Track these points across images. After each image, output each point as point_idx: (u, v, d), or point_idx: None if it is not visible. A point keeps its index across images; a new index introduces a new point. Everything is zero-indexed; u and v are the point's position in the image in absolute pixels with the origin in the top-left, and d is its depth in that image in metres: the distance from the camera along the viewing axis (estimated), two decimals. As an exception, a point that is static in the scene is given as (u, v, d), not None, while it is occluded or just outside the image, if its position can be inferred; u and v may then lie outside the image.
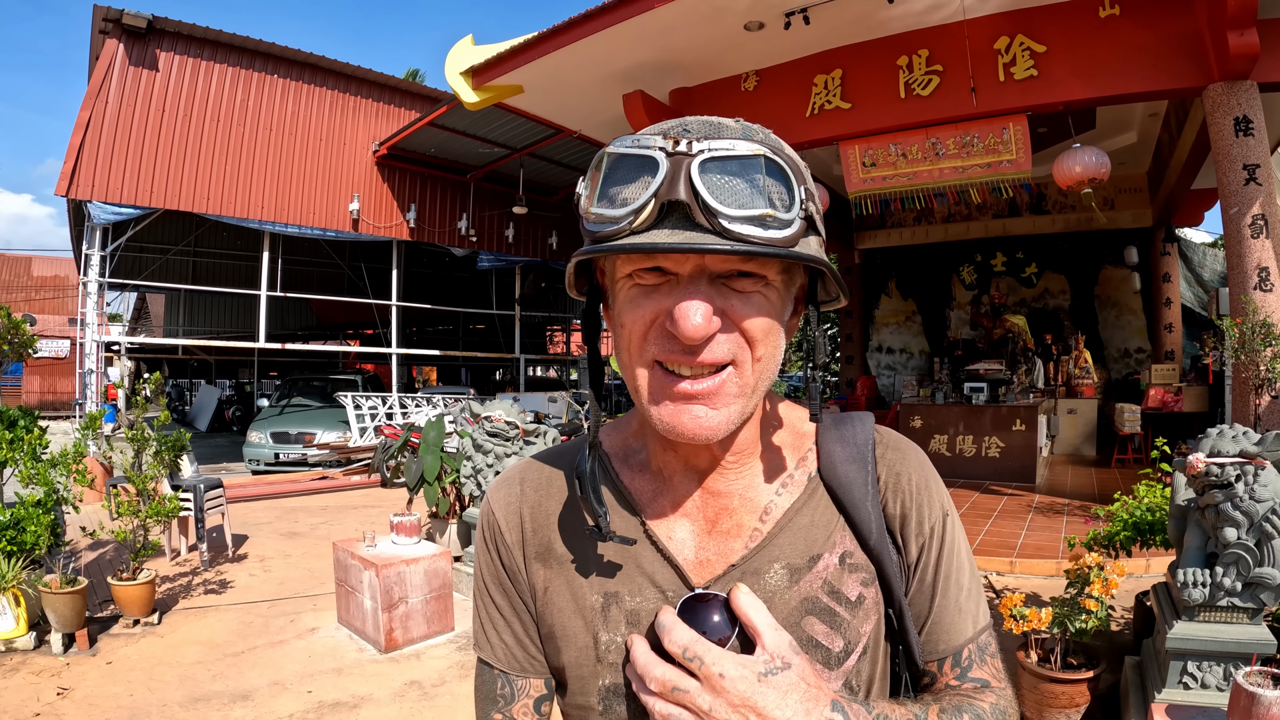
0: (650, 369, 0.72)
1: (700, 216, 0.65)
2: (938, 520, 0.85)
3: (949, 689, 0.83)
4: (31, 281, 31.92)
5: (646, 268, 0.70)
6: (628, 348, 0.74)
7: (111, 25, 12.08)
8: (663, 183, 0.65)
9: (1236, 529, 2.82)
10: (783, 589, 0.79)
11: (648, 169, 0.67)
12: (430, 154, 15.46)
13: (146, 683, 4.30)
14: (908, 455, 0.87)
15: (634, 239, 0.66)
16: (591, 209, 0.69)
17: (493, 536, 0.89)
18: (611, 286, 0.78)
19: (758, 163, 0.67)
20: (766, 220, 0.66)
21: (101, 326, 12.71)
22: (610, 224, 0.67)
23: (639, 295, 0.72)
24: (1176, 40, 6.56)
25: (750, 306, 0.71)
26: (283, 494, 10.58)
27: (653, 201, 0.66)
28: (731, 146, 0.66)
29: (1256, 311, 6.02)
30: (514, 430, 5.97)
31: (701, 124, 0.70)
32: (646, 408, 0.74)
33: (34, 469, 5.17)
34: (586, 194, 0.71)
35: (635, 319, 0.72)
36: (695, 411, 0.71)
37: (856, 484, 0.83)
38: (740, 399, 0.73)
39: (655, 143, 0.67)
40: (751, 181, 0.66)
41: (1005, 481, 9.18)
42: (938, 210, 13.81)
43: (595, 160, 0.71)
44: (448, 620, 5.16)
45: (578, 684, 0.83)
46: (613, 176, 0.69)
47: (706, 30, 7.75)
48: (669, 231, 0.66)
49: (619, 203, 0.67)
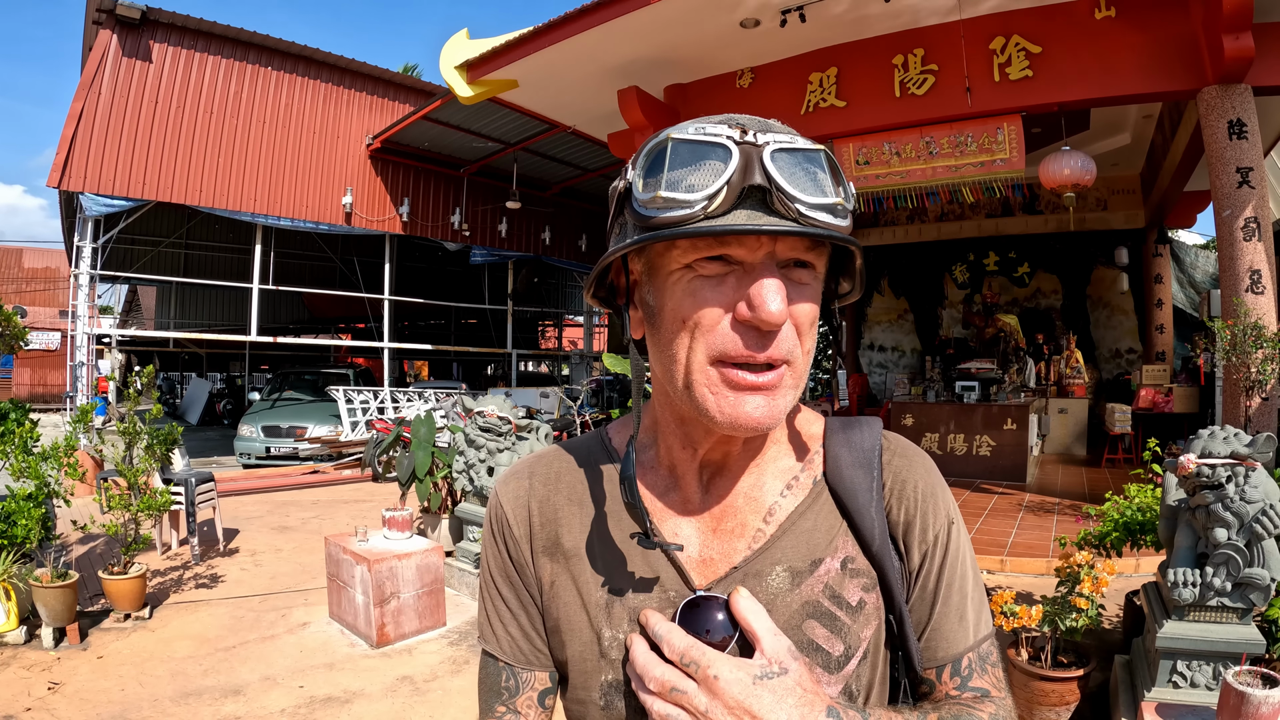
0: (713, 364, 0.71)
1: (777, 203, 0.66)
2: (942, 528, 0.84)
3: (949, 698, 0.82)
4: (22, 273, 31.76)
5: (709, 256, 0.70)
6: (688, 342, 0.72)
7: (105, 16, 11.99)
8: (737, 170, 0.66)
9: (1227, 530, 2.84)
10: (784, 591, 0.79)
11: (718, 155, 0.67)
12: (424, 148, 15.40)
13: (137, 677, 4.29)
14: (914, 462, 0.87)
15: (710, 223, 0.66)
16: (660, 192, 0.67)
17: (500, 529, 0.90)
18: (652, 281, 0.75)
19: (819, 156, 0.70)
20: (837, 209, 0.68)
21: (93, 319, 12.64)
22: (680, 208, 0.66)
23: (702, 286, 0.70)
24: (1171, 43, 6.58)
25: (805, 297, 0.72)
26: (274, 488, 10.55)
27: (727, 188, 0.66)
28: (794, 139, 0.69)
29: (1248, 314, 6.05)
30: (506, 425, 5.96)
31: (751, 120, 0.71)
32: (701, 403, 0.72)
33: (25, 462, 5.14)
34: (643, 180, 0.70)
35: (702, 311, 0.70)
36: (756, 401, 0.71)
37: (861, 489, 0.83)
38: (793, 389, 0.73)
39: (723, 131, 0.68)
40: (816, 173, 0.69)
41: (996, 480, 9.22)
42: (931, 209, 13.83)
43: (652, 147, 0.70)
44: (439, 615, 5.16)
45: (580, 678, 0.83)
46: (676, 162, 0.68)
47: (702, 27, 7.74)
48: (747, 214, 0.66)
49: (686, 188, 0.67)
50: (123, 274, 16.32)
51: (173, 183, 12.88)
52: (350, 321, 27.18)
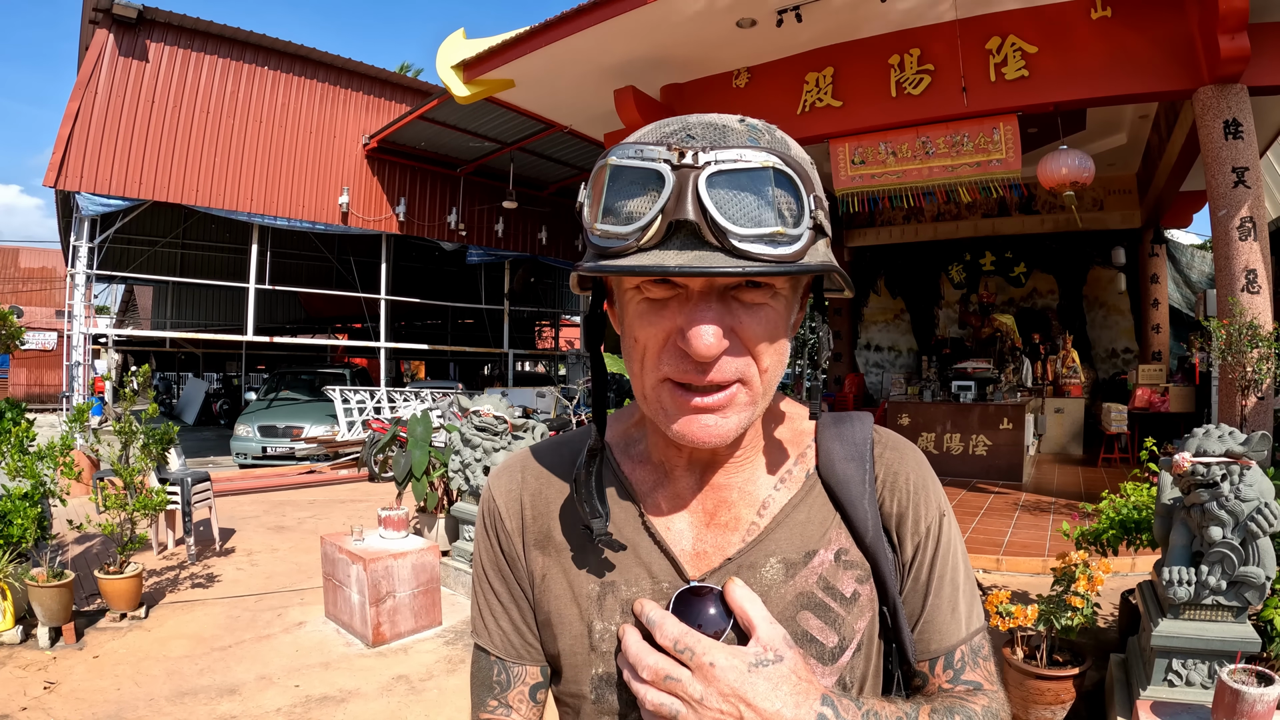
0: (661, 383, 0.73)
1: (709, 235, 0.63)
2: (934, 520, 0.85)
3: (942, 691, 0.83)
4: (19, 273, 31.63)
5: (655, 280, 0.70)
6: (640, 360, 0.74)
7: (101, 15, 11.98)
8: (670, 199, 0.63)
9: (1222, 528, 2.84)
10: (778, 583, 0.79)
11: (653, 183, 0.65)
12: (420, 147, 15.40)
13: (133, 677, 4.28)
14: (906, 455, 0.87)
15: (641, 257, 0.65)
16: (596, 224, 0.68)
17: (493, 523, 0.90)
18: (618, 291, 0.78)
19: (766, 175, 0.65)
20: (777, 238, 0.65)
21: (89, 319, 12.62)
22: (616, 240, 0.66)
23: (648, 310, 0.71)
24: (1167, 43, 6.59)
25: (758, 320, 0.71)
26: (270, 488, 10.53)
27: (660, 219, 0.64)
28: (739, 157, 0.64)
29: (1244, 313, 6.06)
30: (502, 425, 5.96)
31: (705, 128, 0.68)
32: (657, 417, 0.74)
33: (20, 462, 5.13)
34: (589, 205, 0.70)
35: (647, 335, 0.72)
36: (705, 420, 0.72)
37: (854, 481, 0.83)
38: (750, 407, 0.74)
39: (659, 154, 0.65)
40: (761, 194, 0.65)
41: (992, 480, 9.22)
42: (927, 209, 13.86)
43: (596, 170, 0.69)
44: (435, 615, 5.15)
45: (571, 671, 0.83)
46: (616, 188, 0.67)
47: (698, 27, 7.74)
48: (676, 252, 0.64)
49: (624, 218, 0.66)
50: (119, 274, 16.29)
51: (169, 182, 12.87)
52: (347, 321, 27.14)
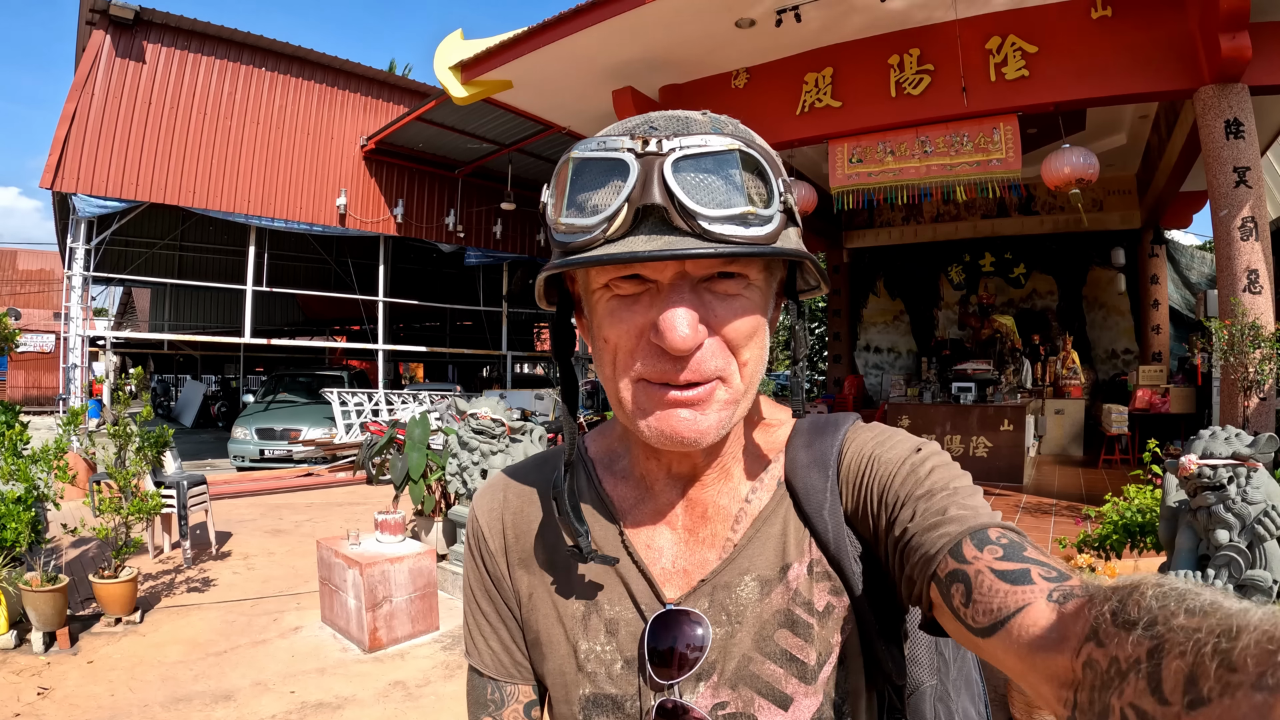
0: (636, 384, 0.69)
1: (678, 219, 0.62)
2: (903, 457, 0.75)
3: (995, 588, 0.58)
4: (16, 275, 31.57)
5: (624, 276, 0.67)
6: (611, 362, 0.71)
7: (98, 16, 11.96)
8: (635, 186, 0.62)
9: (1229, 531, 2.81)
10: (754, 602, 0.76)
11: (617, 173, 0.63)
12: (418, 149, 15.39)
13: (128, 682, 4.25)
14: (862, 438, 0.79)
15: (609, 248, 0.63)
16: (560, 219, 0.66)
17: (477, 543, 0.89)
18: (586, 296, 0.74)
19: (733, 158, 0.64)
20: (748, 218, 0.63)
21: (86, 321, 12.57)
22: (582, 234, 0.64)
23: (618, 307, 0.69)
24: (1168, 42, 6.58)
25: (734, 311, 0.68)
26: (267, 491, 10.49)
27: (626, 207, 0.63)
28: (704, 142, 0.63)
29: (1245, 313, 6.05)
30: (500, 428, 5.94)
31: (668, 120, 0.67)
32: (633, 420, 0.71)
33: (15, 465, 5.09)
34: (553, 203, 0.68)
35: (618, 334, 0.69)
36: (683, 415, 0.68)
37: (815, 490, 0.78)
38: (730, 405, 0.70)
39: (623, 144, 0.64)
40: (728, 178, 0.63)
41: (993, 481, 9.19)
42: (926, 210, 13.88)
43: (559, 166, 0.68)
44: (432, 619, 5.12)
45: (560, 692, 0.82)
46: (580, 182, 0.65)
47: (697, 27, 7.72)
48: (646, 238, 0.63)
49: (589, 210, 0.64)
50: (117, 276, 16.27)
51: (166, 184, 12.84)
52: (345, 323, 27.14)
